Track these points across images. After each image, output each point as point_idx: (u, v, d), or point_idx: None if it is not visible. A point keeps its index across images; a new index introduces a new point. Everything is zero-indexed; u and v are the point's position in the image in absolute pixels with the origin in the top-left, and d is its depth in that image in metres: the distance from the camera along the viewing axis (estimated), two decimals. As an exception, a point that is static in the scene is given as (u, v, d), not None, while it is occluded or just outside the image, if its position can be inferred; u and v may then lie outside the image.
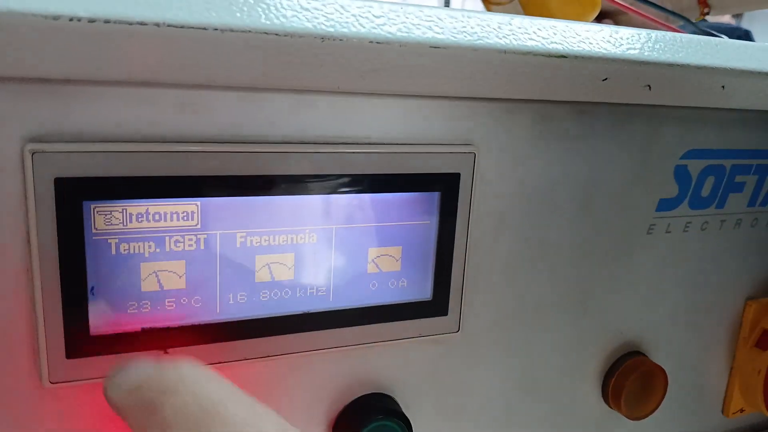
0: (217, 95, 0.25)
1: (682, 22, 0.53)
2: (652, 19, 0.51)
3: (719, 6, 0.57)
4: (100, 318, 0.25)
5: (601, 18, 0.50)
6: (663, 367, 0.39)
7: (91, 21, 0.20)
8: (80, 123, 0.24)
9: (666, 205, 0.37)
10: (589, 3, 0.45)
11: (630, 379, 0.38)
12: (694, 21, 0.51)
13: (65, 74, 0.21)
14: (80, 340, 0.25)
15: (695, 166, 0.37)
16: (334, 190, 0.28)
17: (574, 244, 0.35)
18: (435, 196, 0.30)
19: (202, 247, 0.26)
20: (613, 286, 0.37)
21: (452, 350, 0.33)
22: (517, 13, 0.53)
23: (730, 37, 0.53)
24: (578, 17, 0.46)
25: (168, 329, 0.26)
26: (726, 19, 1.92)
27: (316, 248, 0.28)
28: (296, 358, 0.29)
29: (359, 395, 0.32)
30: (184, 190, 0.25)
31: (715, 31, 0.53)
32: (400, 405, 0.32)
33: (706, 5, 0.56)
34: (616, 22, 0.61)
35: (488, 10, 0.54)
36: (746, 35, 1.61)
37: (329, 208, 0.28)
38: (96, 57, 0.21)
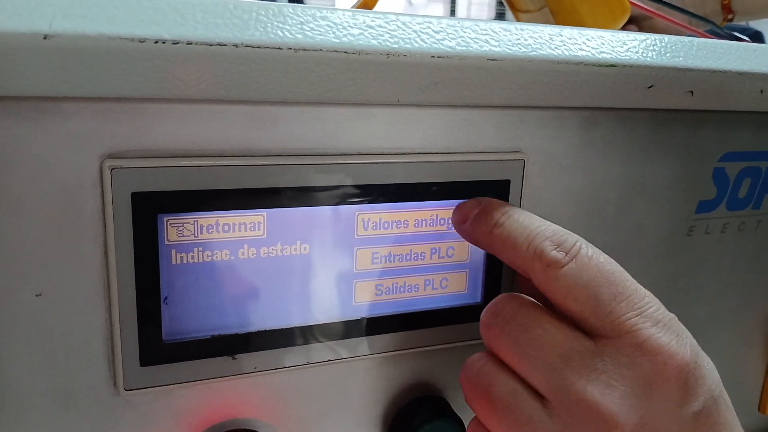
0: (282, 110, 0.26)
1: (708, 27, 0.54)
2: (678, 24, 0.52)
3: (743, 12, 0.58)
4: (172, 326, 0.27)
5: (625, 24, 0.51)
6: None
7: (175, 43, 0.21)
8: (155, 139, 0.25)
9: (705, 206, 0.38)
10: (619, 9, 0.46)
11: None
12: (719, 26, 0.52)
13: (147, 94, 0.22)
14: (154, 348, 0.26)
15: (732, 168, 0.38)
16: (391, 199, 0.29)
17: (617, 246, 0.36)
18: (485, 203, 0.31)
19: (269, 255, 0.27)
20: (655, 288, 0.38)
21: (502, 352, 0.34)
22: (547, 21, 0.53)
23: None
24: (608, 24, 0.46)
25: (236, 335, 0.27)
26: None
27: (374, 255, 0.29)
28: (355, 362, 0.30)
29: (413, 397, 0.33)
30: (251, 201, 0.26)
31: (726, 30, 0.53)
32: (453, 407, 0.33)
33: (730, 11, 0.57)
34: (640, 28, 0.62)
35: (517, 18, 0.55)
36: (756, 35, 1.61)
37: (387, 216, 0.29)
38: (176, 77, 0.22)
